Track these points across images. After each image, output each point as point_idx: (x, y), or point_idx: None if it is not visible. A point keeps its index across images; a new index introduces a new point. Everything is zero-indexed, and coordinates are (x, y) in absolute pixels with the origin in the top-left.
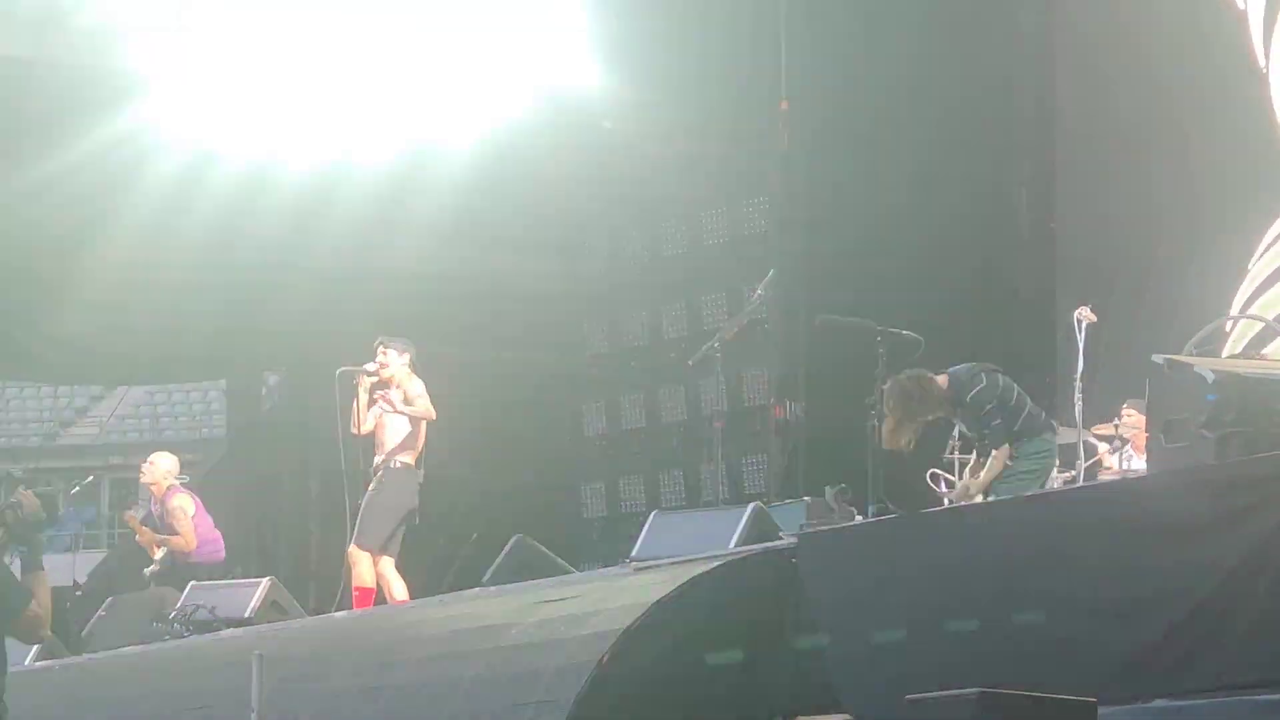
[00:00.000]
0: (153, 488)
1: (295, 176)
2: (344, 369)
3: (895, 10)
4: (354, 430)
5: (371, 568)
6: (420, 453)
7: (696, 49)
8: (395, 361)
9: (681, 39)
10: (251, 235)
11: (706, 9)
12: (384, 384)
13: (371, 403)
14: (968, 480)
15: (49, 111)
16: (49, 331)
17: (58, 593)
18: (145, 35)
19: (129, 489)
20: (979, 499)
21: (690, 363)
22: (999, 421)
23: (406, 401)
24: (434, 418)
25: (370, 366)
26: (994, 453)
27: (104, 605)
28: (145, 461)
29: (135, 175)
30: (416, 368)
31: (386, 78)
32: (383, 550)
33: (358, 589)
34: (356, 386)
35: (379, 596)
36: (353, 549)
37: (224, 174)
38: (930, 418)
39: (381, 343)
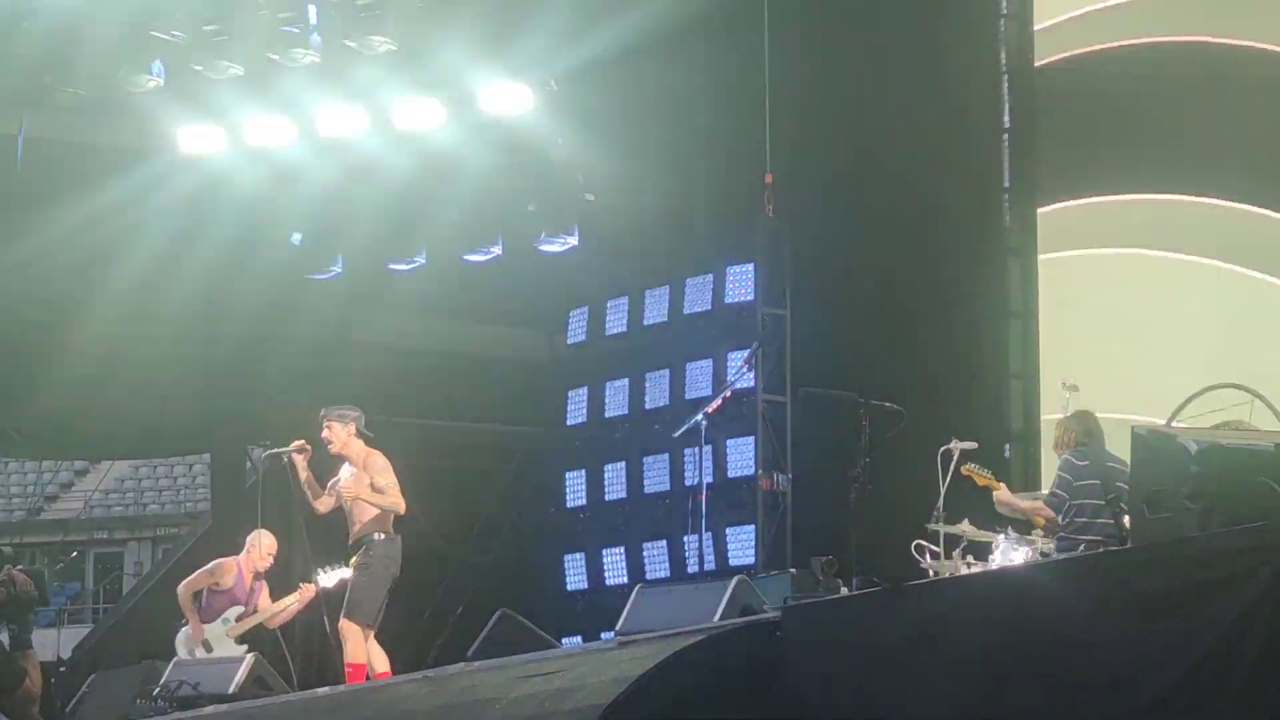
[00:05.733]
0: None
1: (277, 250)
2: (270, 452)
3: (880, 84)
4: (316, 510)
5: (363, 643)
6: (393, 518)
7: (681, 122)
8: (341, 435)
9: (666, 112)
10: (235, 308)
11: (691, 82)
12: (338, 458)
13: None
14: (1020, 502)
15: (32, 188)
16: (33, 407)
17: (43, 668)
18: (128, 111)
19: (113, 563)
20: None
21: (675, 434)
22: (1052, 492)
23: (376, 490)
24: (403, 511)
25: (298, 444)
26: (1046, 500)
27: (88, 682)
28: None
29: (118, 251)
30: (366, 436)
31: (369, 151)
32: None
33: (350, 665)
34: (293, 468)
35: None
36: (344, 623)
37: (206, 249)
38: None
39: (325, 415)
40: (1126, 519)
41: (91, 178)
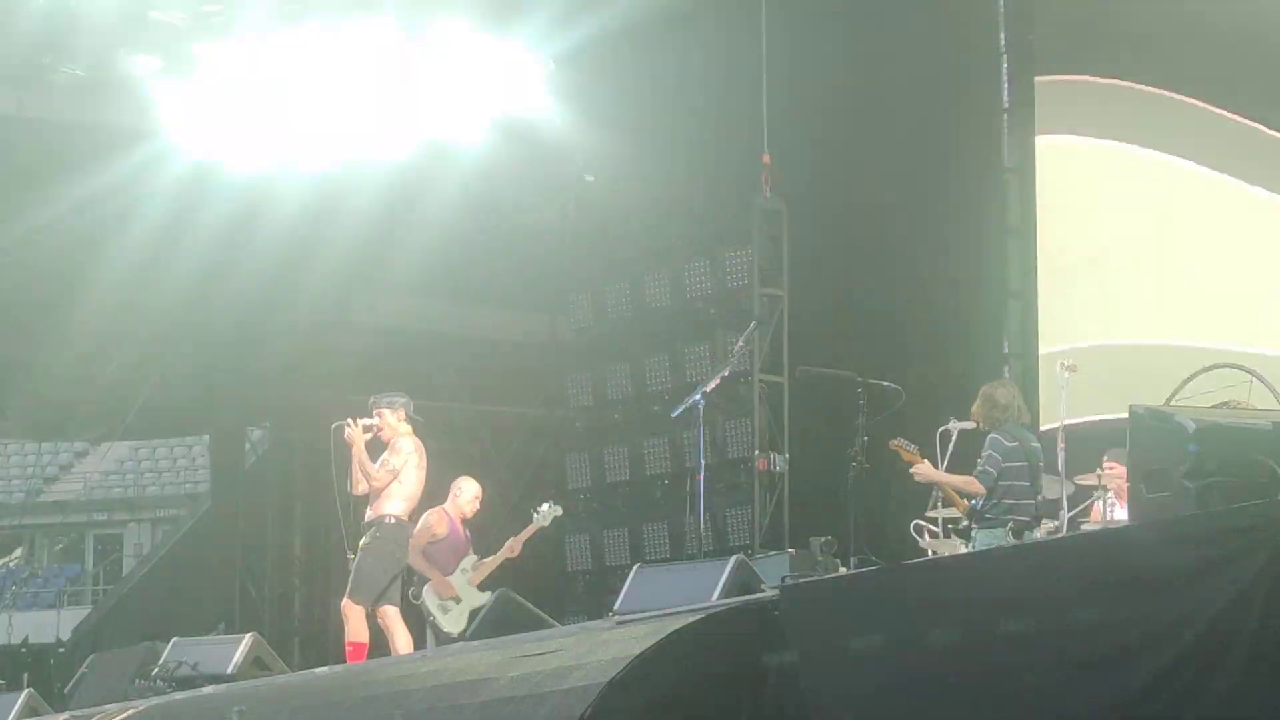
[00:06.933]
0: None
1: (275, 232)
2: (338, 424)
3: (878, 64)
4: (350, 491)
5: (364, 622)
6: (413, 506)
7: (679, 104)
8: (390, 423)
9: (664, 94)
10: (233, 289)
11: (689, 64)
12: (383, 444)
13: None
14: (944, 476)
15: (30, 168)
16: (32, 388)
17: (42, 649)
18: (125, 92)
19: (113, 545)
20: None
21: (674, 415)
22: (983, 469)
23: (381, 460)
24: (379, 485)
25: (367, 421)
26: (975, 475)
27: (87, 662)
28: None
29: (115, 231)
30: (416, 421)
31: (367, 133)
32: (380, 601)
33: (351, 644)
34: (351, 441)
35: (371, 650)
36: (345, 602)
37: (204, 230)
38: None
39: (375, 404)
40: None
41: (89, 159)
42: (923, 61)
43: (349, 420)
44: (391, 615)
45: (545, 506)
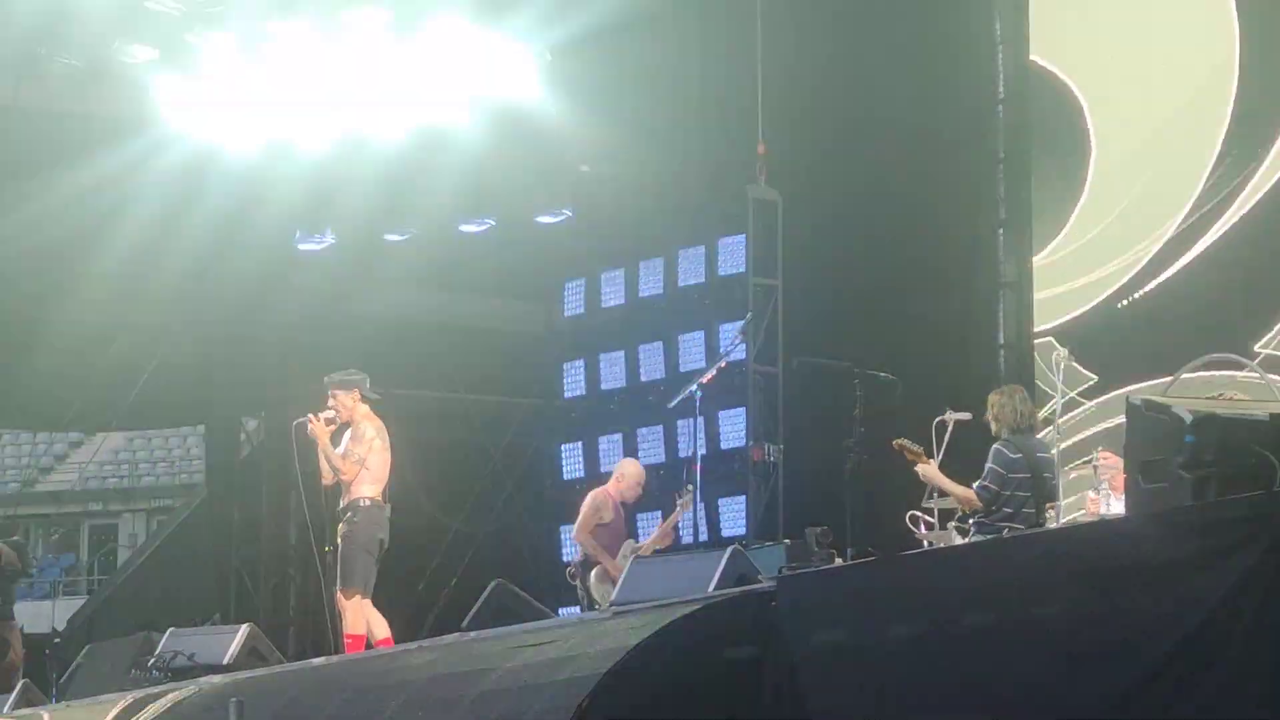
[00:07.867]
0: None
1: (270, 222)
2: (299, 420)
3: (873, 54)
4: (323, 481)
5: (361, 613)
6: (385, 486)
7: (674, 93)
8: (345, 404)
9: (659, 83)
10: (228, 280)
11: (684, 53)
12: (345, 425)
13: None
14: (946, 482)
15: (26, 158)
16: (27, 378)
17: (37, 639)
18: (122, 82)
19: (108, 535)
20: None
21: (670, 405)
22: (983, 484)
23: (346, 451)
24: (348, 477)
25: (328, 414)
26: (975, 490)
27: (83, 653)
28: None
29: (111, 222)
30: (370, 398)
31: (362, 123)
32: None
33: (349, 636)
34: (315, 437)
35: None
36: (339, 595)
37: (200, 220)
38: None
39: (328, 383)
40: (1050, 510)
41: (84, 149)
42: (918, 52)
43: (310, 416)
44: (363, 604)
45: (687, 491)
